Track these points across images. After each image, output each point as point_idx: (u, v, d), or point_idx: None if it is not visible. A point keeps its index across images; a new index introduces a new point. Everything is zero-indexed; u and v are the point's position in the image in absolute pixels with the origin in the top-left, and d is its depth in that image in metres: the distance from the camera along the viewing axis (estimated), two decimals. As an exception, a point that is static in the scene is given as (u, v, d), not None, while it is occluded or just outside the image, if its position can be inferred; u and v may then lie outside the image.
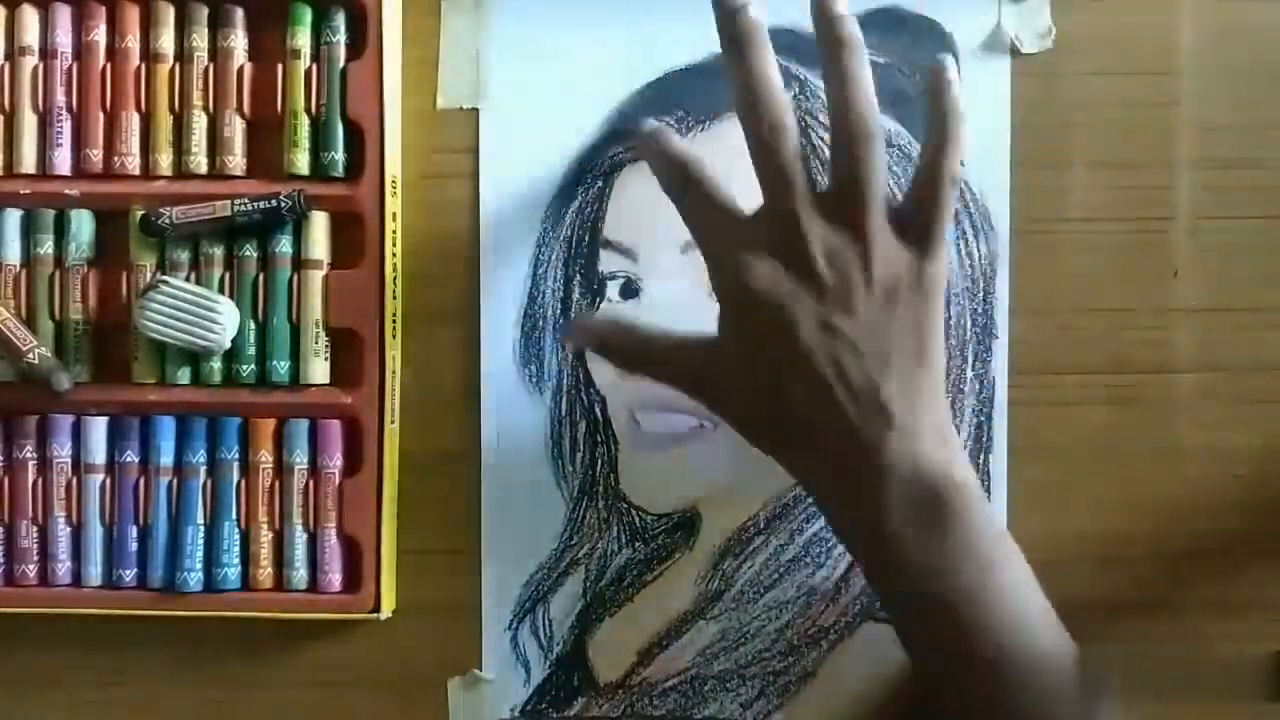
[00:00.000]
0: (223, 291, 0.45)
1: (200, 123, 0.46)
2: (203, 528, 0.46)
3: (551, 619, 0.47)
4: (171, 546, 0.46)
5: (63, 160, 0.46)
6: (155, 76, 0.46)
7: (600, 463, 0.47)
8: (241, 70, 0.46)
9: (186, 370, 0.45)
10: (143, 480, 0.46)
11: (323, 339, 0.45)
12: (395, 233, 0.46)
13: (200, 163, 0.46)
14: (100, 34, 0.46)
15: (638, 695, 0.47)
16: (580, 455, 0.47)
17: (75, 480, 0.46)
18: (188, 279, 0.45)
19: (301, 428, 0.46)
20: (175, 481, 0.46)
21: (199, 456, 0.46)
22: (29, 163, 0.46)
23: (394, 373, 0.46)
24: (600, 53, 0.47)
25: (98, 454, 0.46)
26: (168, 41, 0.46)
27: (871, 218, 0.38)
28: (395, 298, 0.46)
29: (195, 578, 0.45)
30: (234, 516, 0.46)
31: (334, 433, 0.46)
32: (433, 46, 0.47)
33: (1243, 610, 0.46)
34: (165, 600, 0.46)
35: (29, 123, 0.46)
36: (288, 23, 0.45)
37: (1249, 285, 0.47)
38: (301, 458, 0.45)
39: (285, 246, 0.45)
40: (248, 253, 0.45)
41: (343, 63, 0.45)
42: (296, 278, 0.45)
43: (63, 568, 0.46)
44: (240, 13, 0.46)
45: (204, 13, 0.46)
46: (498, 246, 0.47)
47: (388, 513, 0.46)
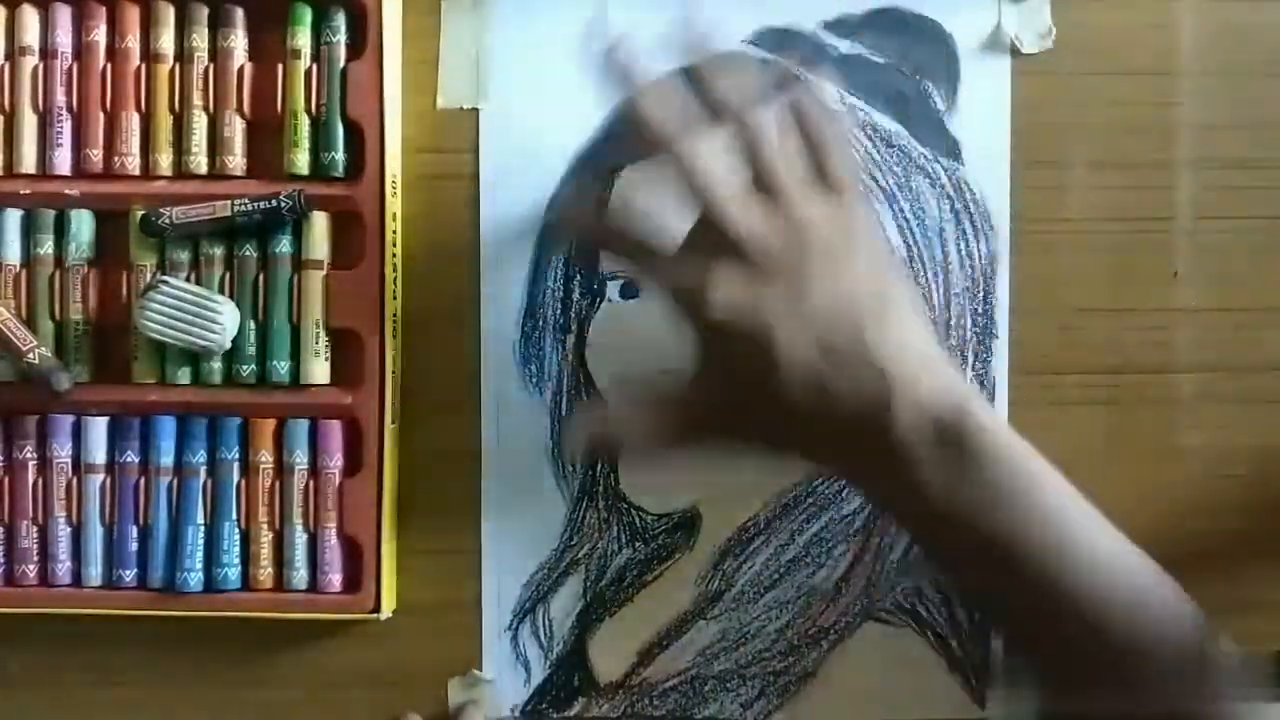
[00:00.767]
0: (223, 291, 0.45)
1: (200, 123, 0.46)
2: (203, 528, 0.46)
3: (552, 619, 0.47)
4: (172, 546, 0.46)
5: (63, 160, 0.46)
6: (155, 76, 0.46)
7: (600, 463, 0.47)
8: (241, 70, 0.46)
9: (186, 370, 0.45)
10: (143, 480, 0.46)
11: (323, 339, 0.45)
12: (395, 233, 0.46)
13: (200, 163, 0.46)
14: (100, 34, 0.46)
15: (638, 695, 0.47)
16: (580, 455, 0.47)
17: (75, 480, 0.46)
18: (188, 279, 0.45)
19: (301, 428, 0.46)
20: (175, 481, 0.46)
21: (199, 456, 0.46)
22: (29, 163, 0.46)
23: (394, 373, 0.46)
24: (600, 53, 0.47)
25: (98, 454, 0.46)
26: (168, 41, 0.46)
27: (790, 197, 0.39)
28: (395, 298, 0.46)
29: (195, 578, 0.45)
30: (234, 516, 0.46)
31: (334, 433, 0.46)
32: (433, 46, 0.47)
33: (1243, 610, 0.46)
34: (165, 600, 0.46)
35: (29, 123, 0.46)
36: (288, 23, 0.45)
37: (1249, 285, 0.47)
38: (302, 458, 0.45)
39: (285, 246, 0.45)
40: (248, 253, 0.45)
41: (343, 63, 0.45)
42: (296, 278, 0.45)
43: (63, 568, 0.46)
44: (240, 13, 0.46)
45: (204, 13, 0.46)
46: (498, 246, 0.47)
47: (388, 513, 0.46)
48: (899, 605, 0.47)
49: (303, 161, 0.45)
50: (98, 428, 0.46)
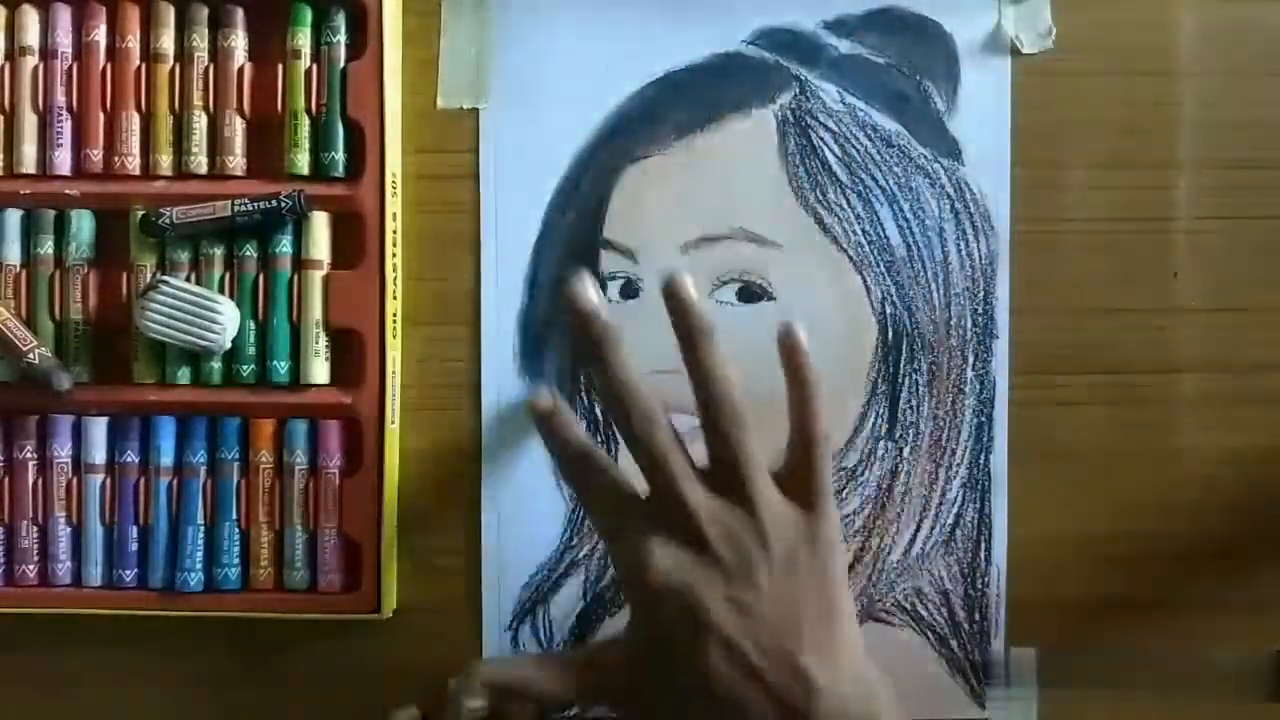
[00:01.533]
0: (223, 291, 0.45)
1: (200, 123, 0.46)
2: (203, 528, 0.46)
3: (552, 619, 0.47)
4: (172, 546, 0.46)
5: (63, 160, 0.46)
6: (155, 77, 0.46)
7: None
8: (242, 70, 0.46)
9: (186, 370, 0.45)
10: (143, 480, 0.46)
11: (323, 339, 0.45)
12: (395, 233, 0.46)
13: (200, 163, 0.46)
14: (100, 34, 0.46)
15: (638, 696, 0.47)
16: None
17: (75, 480, 0.46)
18: (188, 279, 0.45)
19: (301, 428, 0.46)
20: (175, 481, 0.46)
21: (199, 456, 0.46)
22: (29, 163, 0.46)
23: (394, 373, 0.46)
24: (600, 53, 0.47)
25: (98, 454, 0.46)
26: (168, 42, 0.46)
27: (757, 493, 0.38)
28: (395, 298, 0.46)
29: (195, 578, 0.45)
30: (234, 516, 0.46)
31: (334, 433, 0.46)
32: (433, 46, 0.47)
33: (1242, 610, 0.46)
34: (165, 600, 0.46)
35: (29, 123, 0.46)
36: (288, 23, 0.45)
37: (1249, 285, 0.47)
38: (301, 458, 0.45)
39: (285, 246, 0.45)
40: (248, 253, 0.45)
41: (343, 63, 0.45)
42: (297, 278, 0.45)
43: (63, 568, 0.46)
44: (240, 13, 0.46)
45: (204, 13, 0.46)
46: (498, 246, 0.47)
47: (388, 513, 0.46)
48: (899, 605, 0.47)
49: (303, 161, 0.45)
50: (98, 428, 0.46)
